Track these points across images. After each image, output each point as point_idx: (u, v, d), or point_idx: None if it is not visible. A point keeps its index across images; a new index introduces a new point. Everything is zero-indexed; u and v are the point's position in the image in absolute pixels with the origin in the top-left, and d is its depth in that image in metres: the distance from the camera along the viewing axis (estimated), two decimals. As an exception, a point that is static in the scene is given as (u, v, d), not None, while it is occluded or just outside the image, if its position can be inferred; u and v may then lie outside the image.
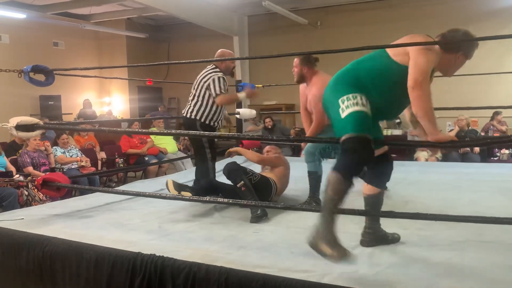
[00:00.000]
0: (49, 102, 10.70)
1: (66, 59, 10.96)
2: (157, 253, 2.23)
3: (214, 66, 3.87)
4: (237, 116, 6.11)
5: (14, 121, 3.02)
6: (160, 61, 11.81)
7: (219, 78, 3.75)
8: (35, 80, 3.48)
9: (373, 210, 2.41)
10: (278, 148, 4.26)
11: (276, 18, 10.11)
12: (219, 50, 4.08)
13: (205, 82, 3.78)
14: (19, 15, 9.38)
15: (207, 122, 3.84)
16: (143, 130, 4.40)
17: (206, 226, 2.88)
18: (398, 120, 9.23)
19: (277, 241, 2.53)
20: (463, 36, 2.31)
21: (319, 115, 3.44)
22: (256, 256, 2.28)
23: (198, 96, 3.85)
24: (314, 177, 3.58)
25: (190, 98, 3.94)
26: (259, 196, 3.26)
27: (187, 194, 3.21)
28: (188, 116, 3.90)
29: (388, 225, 2.64)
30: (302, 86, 3.78)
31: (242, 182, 3.20)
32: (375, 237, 2.43)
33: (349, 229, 2.65)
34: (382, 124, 2.80)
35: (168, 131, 3.97)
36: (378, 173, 2.43)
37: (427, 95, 2.15)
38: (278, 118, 10.18)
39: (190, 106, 3.90)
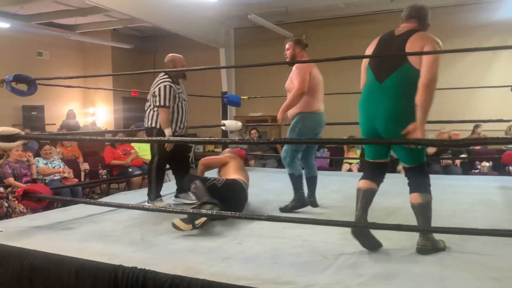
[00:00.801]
0: (32, 113, 10.57)
1: (51, 69, 10.87)
2: (139, 265, 2.21)
3: (164, 73, 3.95)
4: (223, 128, 6.13)
5: (-6, 131, 2.97)
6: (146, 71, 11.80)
7: (165, 86, 3.83)
8: (16, 89, 3.43)
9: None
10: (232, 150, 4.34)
11: (262, 31, 10.20)
12: (168, 55, 4.16)
13: (154, 90, 3.88)
14: (3, 24, 9.29)
15: (163, 128, 3.89)
16: (124, 138, 4.38)
17: (189, 238, 2.85)
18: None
19: (260, 252, 2.53)
20: (424, 7, 2.76)
21: (301, 83, 3.66)
22: (239, 267, 2.26)
23: (150, 105, 3.94)
24: (294, 178, 3.72)
25: (146, 109, 4.01)
26: (232, 197, 3.36)
27: (202, 219, 2.94)
28: (146, 126, 3.98)
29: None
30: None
31: (194, 185, 3.21)
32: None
33: (332, 239, 2.66)
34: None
35: (149, 138, 4.00)
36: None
37: (434, 93, 2.40)
38: (264, 130, 10.20)
39: (147, 116, 3.97)
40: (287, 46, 3.93)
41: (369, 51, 2.76)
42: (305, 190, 3.82)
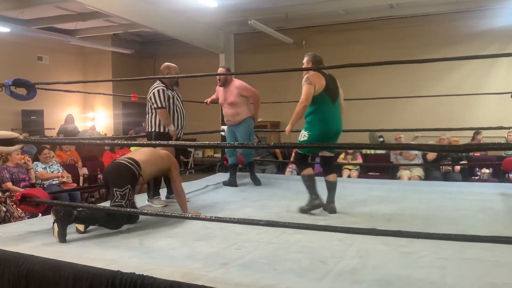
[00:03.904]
0: (32, 117, 10.58)
1: (50, 73, 10.89)
2: (137, 271, 2.18)
3: (158, 80, 4.27)
4: (222, 133, 6.12)
5: (-7, 135, 2.95)
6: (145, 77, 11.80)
7: (158, 91, 4.16)
8: (16, 94, 3.43)
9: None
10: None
11: (262, 37, 10.23)
12: (165, 63, 4.46)
13: (149, 95, 4.22)
14: (4, 28, 9.31)
15: (161, 130, 4.20)
16: (121, 142, 4.41)
17: (188, 243, 2.83)
18: (381, 139, 9.35)
19: (259, 258, 2.51)
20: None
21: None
22: (238, 273, 2.24)
23: (148, 110, 4.27)
24: (231, 166, 5.38)
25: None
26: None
27: (80, 226, 3.02)
28: (147, 131, 4.29)
29: (371, 242, 2.65)
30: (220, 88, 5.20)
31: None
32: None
33: (331, 245, 2.64)
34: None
35: (148, 142, 4.11)
36: None
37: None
38: (263, 136, 10.21)
39: (146, 122, 4.29)
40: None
41: (322, 82, 3.70)
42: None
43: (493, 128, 5.18)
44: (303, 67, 3.84)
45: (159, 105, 4.13)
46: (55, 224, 2.87)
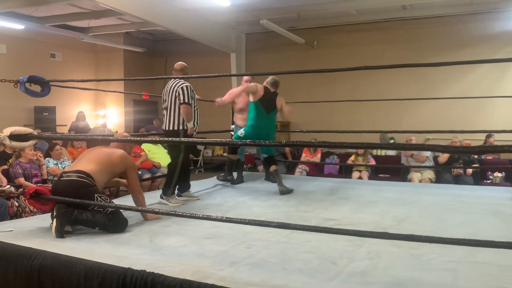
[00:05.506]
0: (44, 114, 10.67)
1: (63, 70, 10.99)
2: (147, 268, 2.20)
3: (180, 78, 4.17)
4: (232, 133, 6.13)
5: (7, 131, 2.99)
6: (157, 75, 11.86)
7: (187, 87, 4.09)
8: (30, 90, 3.47)
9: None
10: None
11: (273, 37, 10.22)
12: (180, 63, 4.39)
13: (176, 91, 4.10)
14: (17, 26, 9.41)
15: (184, 128, 4.15)
16: (137, 139, 4.40)
17: (198, 241, 2.85)
18: (392, 141, 9.29)
19: (268, 257, 2.51)
20: (277, 81, 5.12)
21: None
22: (247, 272, 2.25)
23: (173, 107, 4.14)
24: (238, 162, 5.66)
25: (165, 111, 4.23)
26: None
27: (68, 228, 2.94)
28: (170, 128, 4.16)
29: (381, 243, 2.64)
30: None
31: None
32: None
33: (341, 246, 2.64)
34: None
35: (167, 139, 4.11)
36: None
37: None
38: (273, 135, 10.18)
39: (170, 119, 4.17)
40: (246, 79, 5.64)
41: (261, 92, 4.90)
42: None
43: (507, 131, 5.12)
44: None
45: (186, 101, 4.04)
46: (55, 220, 2.90)
